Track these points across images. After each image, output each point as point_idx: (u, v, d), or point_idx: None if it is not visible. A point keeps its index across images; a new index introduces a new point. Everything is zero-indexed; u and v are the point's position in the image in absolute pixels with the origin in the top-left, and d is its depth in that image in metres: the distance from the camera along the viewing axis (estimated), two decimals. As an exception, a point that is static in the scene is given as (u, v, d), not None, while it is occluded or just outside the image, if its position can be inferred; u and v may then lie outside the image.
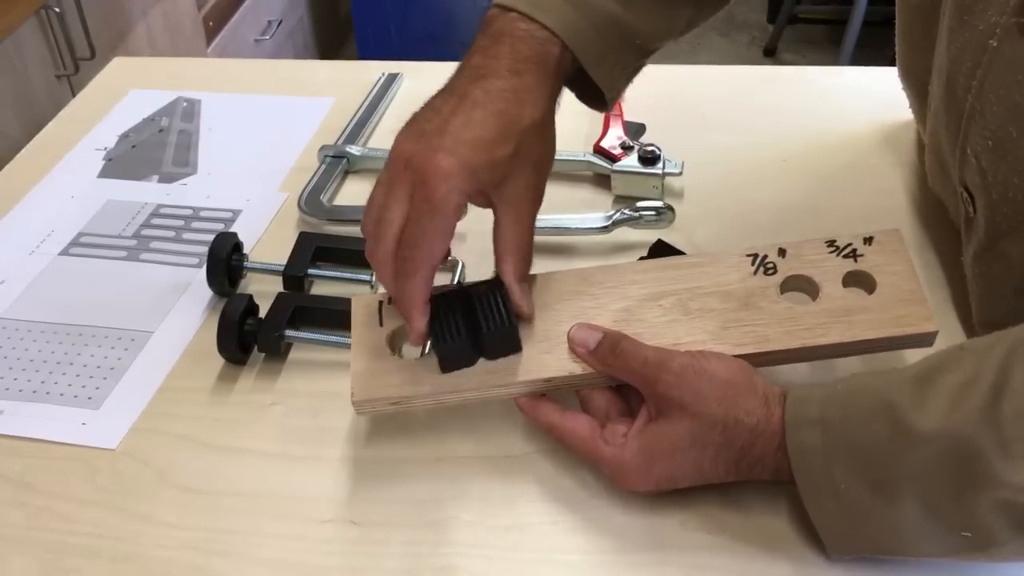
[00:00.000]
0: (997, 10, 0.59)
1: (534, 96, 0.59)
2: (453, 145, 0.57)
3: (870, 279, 0.61)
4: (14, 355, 0.72)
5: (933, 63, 0.70)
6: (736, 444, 0.54)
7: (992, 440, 0.47)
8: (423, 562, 0.57)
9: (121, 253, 0.82)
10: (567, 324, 0.61)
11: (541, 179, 0.61)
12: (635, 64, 0.68)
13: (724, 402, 0.54)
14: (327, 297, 0.75)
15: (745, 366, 0.57)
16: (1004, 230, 0.62)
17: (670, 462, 0.56)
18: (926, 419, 0.49)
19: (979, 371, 0.49)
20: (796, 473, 0.53)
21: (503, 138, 0.58)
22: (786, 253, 0.63)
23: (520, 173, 0.59)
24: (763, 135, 0.92)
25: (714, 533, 0.57)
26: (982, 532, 0.49)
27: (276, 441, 0.65)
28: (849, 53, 2.55)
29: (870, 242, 0.63)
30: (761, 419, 0.54)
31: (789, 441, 0.52)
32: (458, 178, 0.56)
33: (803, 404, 0.53)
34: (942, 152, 0.70)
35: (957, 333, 0.70)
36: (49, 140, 0.98)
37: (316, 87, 1.04)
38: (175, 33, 1.76)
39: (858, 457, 0.51)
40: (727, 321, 0.60)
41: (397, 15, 2.51)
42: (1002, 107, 0.59)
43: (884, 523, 0.51)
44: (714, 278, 0.62)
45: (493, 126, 0.58)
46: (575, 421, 0.59)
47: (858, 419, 0.51)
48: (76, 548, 0.59)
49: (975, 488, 0.47)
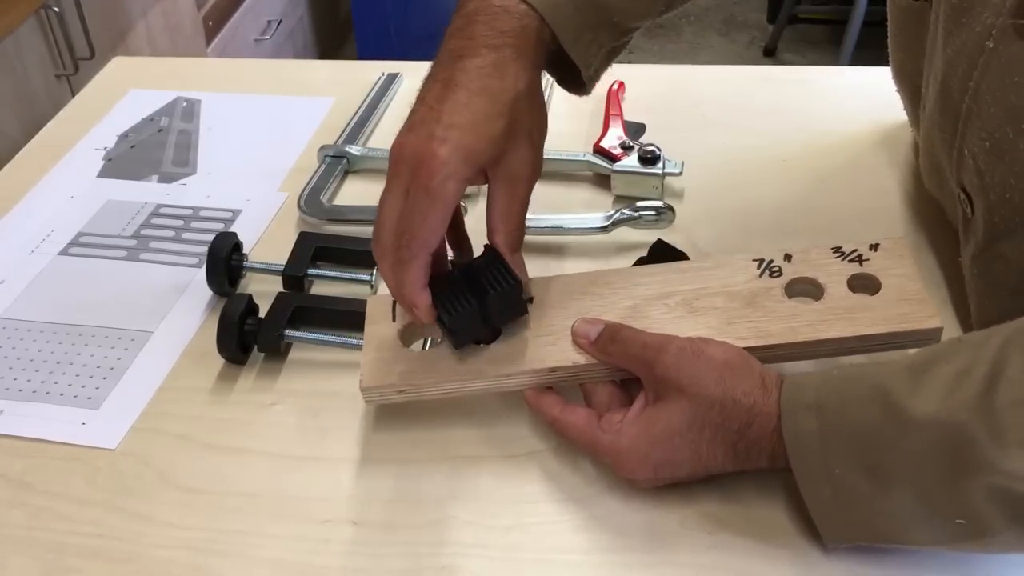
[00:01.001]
0: (993, 12, 0.59)
1: (515, 67, 0.59)
2: (444, 132, 0.56)
3: (875, 281, 0.62)
4: (14, 355, 0.72)
5: (926, 65, 0.71)
6: (733, 425, 0.54)
7: (985, 428, 0.47)
8: (423, 562, 0.57)
9: (121, 253, 0.82)
10: (572, 319, 0.62)
11: (536, 150, 0.61)
12: (612, 43, 0.67)
13: (721, 382, 0.55)
14: (327, 297, 0.75)
15: (742, 351, 0.57)
16: (1002, 231, 0.62)
17: (668, 446, 0.56)
18: (921, 405, 0.49)
19: (975, 360, 0.49)
20: (792, 458, 0.53)
21: (492, 115, 0.58)
22: (792, 258, 0.64)
23: (515, 147, 0.59)
24: (763, 135, 0.92)
25: (714, 533, 0.57)
26: (976, 521, 0.49)
27: (276, 441, 0.65)
28: (849, 53, 2.55)
29: (876, 248, 0.63)
30: (758, 400, 0.54)
31: (785, 425, 0.53)
32: (453, 163, 0.56)
33: (799, 389, 0.54)
34: (937, 154, 0.70)
35: (956, 334, 0.70)
36: (49, 140, 0.98)
37: (316, 87, 1.04)
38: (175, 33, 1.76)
39: (853, 442, 0.51)
40: (731, 318, 0.61)
41: (397, 15, 2.51)
42: (999, 108, 0.59)
43: (879, 509, 0.51)
44: (720, 280, 0.63)
45: (480, 105, 0.58)
46: (574, 414, 0.60)
47: (853, 404, 0.52)
48: (76, 548, 0.59)
49: (968, 475, 0.48)
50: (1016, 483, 0.47)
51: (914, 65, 0.75)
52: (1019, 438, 0.46)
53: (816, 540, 0.55)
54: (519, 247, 0.62)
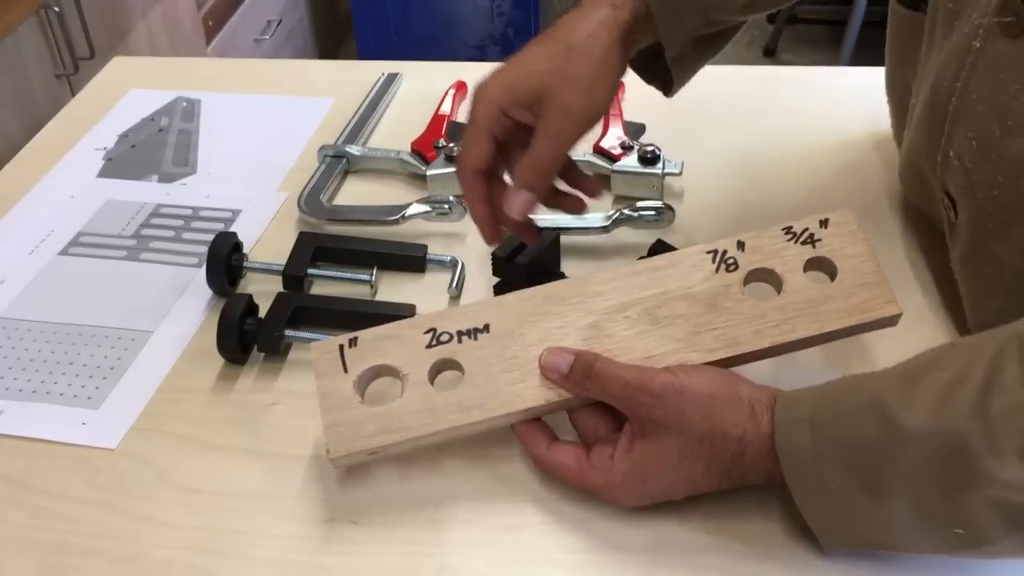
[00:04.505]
0: (980, 12, 0.60)
1: (591, 21, 0.62)
2: (500, 71, 0.63)
3: (830, 264, 0.61)
4: (14, 355, 0.72)
5: (917, 76, 0.71)
6: (725, 455, 0.54)
7: (982, 436, 0.46)
8: (423, 562, 0.57)
9: (121, 253, 0.82)
10: (535, 348, 0.60)
11: (586, 101, 0.61)
12: (696, 32, 0.67)
13: (708, 418, 0.54)
14: (327, 297, 0.75)
15: (728, 376, 0.56)
16: (991, 230, 0.62)
17: (661, 479, 0.56)
18: (915, 416, 0.48)
19: (969, 367, 0.49)
20: (786, 473, 0.52)
21: (541, 56, 0.62)
22: (745, 246, 0.62)
23: (561, 91, 0.60)
24: (763, 135, 0.92)
25: (713, 533, 0.57)
26: (975, 530, 0.48)
27: (276, 441, 0.65)
28: (849, 53, 2.56)
29: (826, 224, 0.62)
30: (748, 430, 0.53)
31: (778, 442, 0.52)
32: (492, 91, 0.62)
33: (792, 405, 0.53)
34: (919, 162, 0.71)
35: (953, 335, 0.70)
36: (49, 140, 0.98)
37: (316, 87, 1.04)
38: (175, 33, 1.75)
39: (847, 456, 0.51)
40: (696, 326, 0.60)
41: (397, 15, 2.51)
42: (985, 106, 0.59)
43: (876, 520, 0.51)
44: (677, 280, 0.61)
45: (538, 45, 0.63)
46: (560, 454, 0.58)
47: (847, 418, 0.51)
48: (76, 548, 0.59)
49: (966, 486, 0.47)
50: (1014, 493, 0.46)
51: (904, 80, 0.76)
52: (1015, 446, 0.46)
53: (813, 541, 0.55)
54: (532, 184, 0.62)
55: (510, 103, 0.61)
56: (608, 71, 0.62)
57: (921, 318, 0.71)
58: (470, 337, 0.61)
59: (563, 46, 0.62)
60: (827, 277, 0.61)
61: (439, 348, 0.60)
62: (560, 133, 0.61)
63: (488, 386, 0.59)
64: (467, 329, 0.61)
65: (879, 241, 0.78)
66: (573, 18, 0.63)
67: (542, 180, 0.63)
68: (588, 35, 0.61)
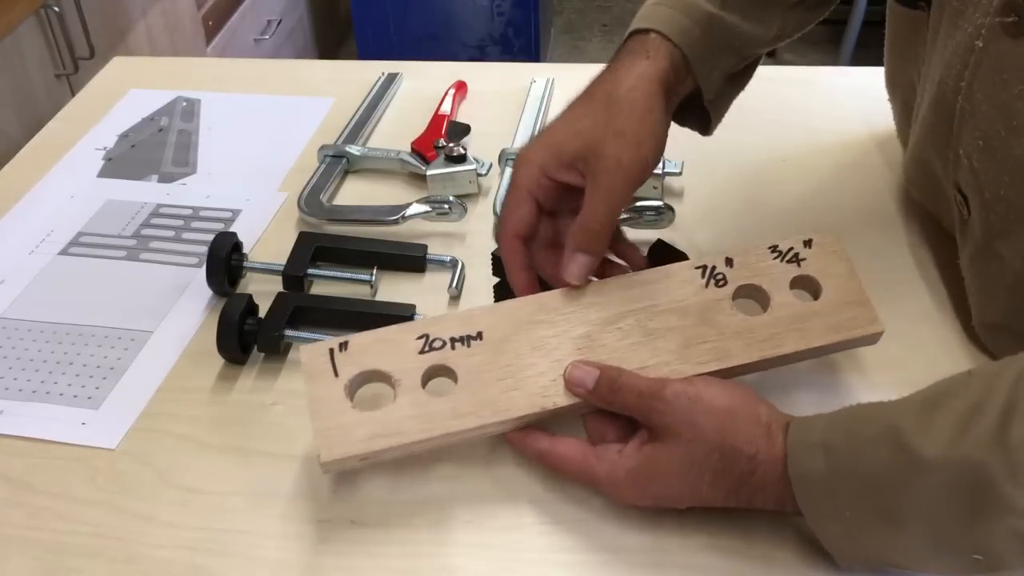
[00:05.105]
0: (982, 11, 0.60)
1: (632, 75, 0.61)
2: (541, 134, 0.63)
3: (814, 283, 0.63)
4: (14, 355, 0.72)
5: (922, 72, 0.71)
6: (734, 471, 0.53)
7: (1003, 465, 0.46)
8: (423, 562, 0.57)
9: (121, 253, 0.82)
10: (528, 358, 0.60)
11: (636, 153, 0.60)
12: (730, 69, 0.67)
13: (721, 430, 0.54)
14: (327, 297, 0.75)
15: (749, 394, 0.56)
16: (998, 230, 0.62)
17: (665, 484, 0.55)
18: (932, 444, 0.48)
19: (987, 395, 0.48)
20: (799, 498, 0.52)
21: (585, 113, 0.61)
22: (733, 262, 0.64)
23: (609, 145, 0.59)
24: (763, 135, 0.92)
25: (713, 534, 0.57)
26: (993, 556, 0.48)
27: (276, 441, 0.65)
28: (849, 53, 2.56)
29: (810, 244, 0.64)
30: (762, 448, 0.53)
31: (791, 466, 0.52)
32: (534, 153, 0.61)
33: (806, 429, 0.53)
34: (929, 160, 0.70)
35: (956, 335, 0.70)
36: (48, 140, 0.98)
37: (316, 87, 1.04)
38: (175, 33, 1.75)
39: (862, 483, 0.50)
40: (687, 339, 0.60)
41: (397, 15, 2.51)
42: (990, 106, 0.59)
43: (891, 544, 0.51)
44: (668, 294, 0.62)
45: (578, 105, 0.62)
46: (565, 446, 0.58)
47: (862, 444, 0.50)
48: (76, 548, 0.59)
49: (985, 515, 0.46)
50: None
51: (907, 77, 0.76)
52: None
53: (816, 545, 0.55)
54: (590, 247, 0.61)
55: (554, 164, 0.60)
56: (653, 122, 0.61)
57: (925, 318, 0.71)
58: (463, 344, 0.60)
59: (604, 102, 0.60)
60: (811, 295, 0.63)
61: (431, 354, 0.60)
62: (612, 189, 0.59)
63: (482, 393, 0.59)
64: (460, 336, 0.61)
65: (879, 240, 0.78)
66: (610, 73, 0.62)
67: (598, 241, 0.61)
68: (629, 88, 0.60)
